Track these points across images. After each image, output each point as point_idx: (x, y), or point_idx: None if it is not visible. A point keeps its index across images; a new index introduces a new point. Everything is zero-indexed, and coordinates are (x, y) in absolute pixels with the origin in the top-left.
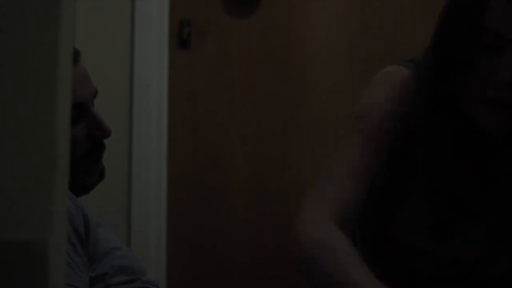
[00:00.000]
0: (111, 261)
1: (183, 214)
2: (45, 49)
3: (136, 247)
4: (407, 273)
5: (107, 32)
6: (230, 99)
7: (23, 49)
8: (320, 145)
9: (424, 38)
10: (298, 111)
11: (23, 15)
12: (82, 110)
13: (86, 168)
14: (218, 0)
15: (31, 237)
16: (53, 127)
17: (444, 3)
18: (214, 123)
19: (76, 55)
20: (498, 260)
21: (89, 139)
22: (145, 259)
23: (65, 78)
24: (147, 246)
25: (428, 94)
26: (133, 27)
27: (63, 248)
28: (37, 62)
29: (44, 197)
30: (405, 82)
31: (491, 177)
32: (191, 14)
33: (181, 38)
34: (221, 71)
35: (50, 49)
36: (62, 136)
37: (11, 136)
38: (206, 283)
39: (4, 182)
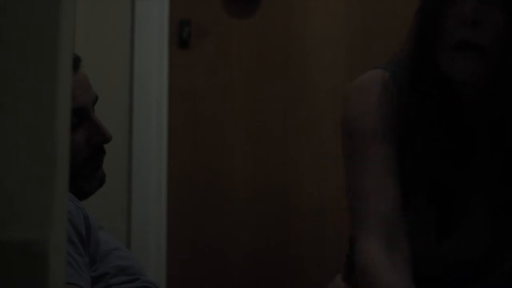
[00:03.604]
0: (112, 261)
1: (183, 214)
2: (45, 49)
3: (136, 247)
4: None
5: (107, 32)
6: (230, 99)
7: (23, 49)
8: (320, 145)
9: None
10: (298, 111)
11: (23, 15)
12: (82, 116)
13: (86, 174)
14: (218, 0)
15: (31, 237)
16: (53, 127)
17: None
18: (214, 123)
19: (77, 61)
20: (501, 257)
21: (90, 144)
22: (145, 259)
23: (65, 78)
24: (147, 246)
25: (412, 73)
26: (133, 27)
27: (63, 248)
28: (37, 61)
29: (44, 197)
30: (383, 86)
31: (475, 161)
32: (191, 14)
33: (181, 38)
34: (221, 71)
35: (50, 49)
36: (62, 136)
37: (11, 136)
38: (206, 283)
39: (4, 182)
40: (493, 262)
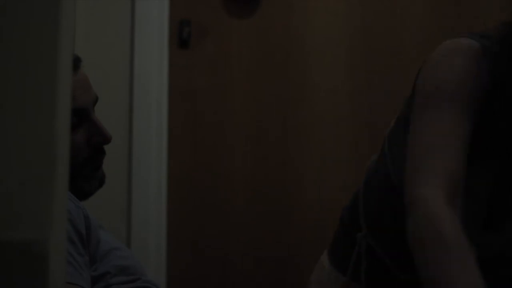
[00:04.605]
0: (112, 260)
1: (183, 214)
2: (45, 49)
3: (136, 247)
4: None
5: (107, 32)
6: (230, 99)
7: (23, 49)
8: (320, 145)
9: (425, 37)
10: (298, 111)
11: (23, 15)
12: (82, 116)
13: (86, 174)
14: (218, 0)
15: (31, 237)
16: (53, 127)
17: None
18: (214, 123)
19: (77, 61)
20: None
21: (90, 145)
22: (145, 259)
23: (65, 78)
24: (147, 246)
25: None
26: (133, 27)
27: (63, 248)
28: (37, 61)
29: (44, 197)
30: (475, 53)
31: None
32: (191, 14)
33: (181, 38)
34: (221, 71)
35: (50, 49)
36: (62, 136)
37: (11, 136)
38: (206, 283)
39: (4, 182)
40: None
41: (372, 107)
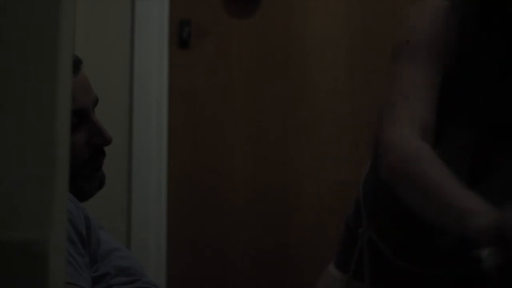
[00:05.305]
0: (112, 261)
1: (183, 214)
2: (45, 49)
3: (136, 247)
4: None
5: (107, 32)
6: (230, 99)
7: (23, 49)
8: (320, 145)
9: None
10: (298, 111)
11: (23, 15)
12: (82, 117)
13: (86, 175)
14: (218, 0)
15: (31, 237)
16: (53, 127)
17: None
18: (214, 123)
19: (77, 63)
20: None
21: (90, 146)
22: (145, 259)
23: (64, 78)
24: (147, 246)
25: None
26: (133, 27)
27: (63, 248)
28: (37, 62)
29: (44, 197)
30: (443, 9)
31: None
32: (191, 14)
33: (181, 38)
34: (221, 71)
35: (50, 49)
36: (62, 136)
37: (11, 136)
38: (206, 283)
39: (4, 182)
40: None
41: (372, 107)
